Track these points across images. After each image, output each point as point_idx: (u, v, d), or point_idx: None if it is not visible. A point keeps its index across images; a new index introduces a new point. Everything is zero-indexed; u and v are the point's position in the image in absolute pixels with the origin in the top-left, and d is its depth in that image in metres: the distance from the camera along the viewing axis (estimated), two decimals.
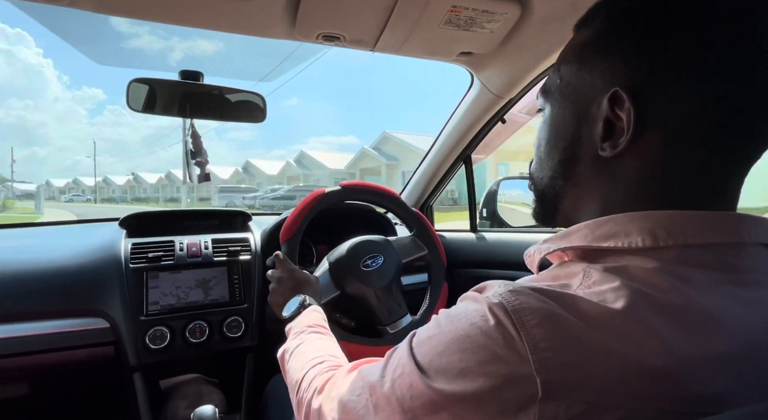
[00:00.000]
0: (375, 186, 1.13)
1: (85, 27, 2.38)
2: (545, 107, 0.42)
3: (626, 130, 0.33)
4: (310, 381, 0.52)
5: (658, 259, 0.31)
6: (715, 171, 0.33)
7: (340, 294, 0.96)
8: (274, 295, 0.82)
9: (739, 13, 0.31)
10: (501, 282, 0.33)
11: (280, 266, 0.86)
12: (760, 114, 0.32)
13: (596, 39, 0.36)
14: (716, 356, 0.28)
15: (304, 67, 24.35)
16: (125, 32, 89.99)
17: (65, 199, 39.05)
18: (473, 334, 0.30)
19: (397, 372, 0.35)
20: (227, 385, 1.17)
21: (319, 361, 0.56)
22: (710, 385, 0.28)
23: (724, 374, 0.28)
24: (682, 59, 0.31)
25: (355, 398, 0.40)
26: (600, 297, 0.29)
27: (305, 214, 1.00)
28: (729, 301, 0.30)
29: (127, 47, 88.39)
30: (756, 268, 0.32)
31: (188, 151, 0.99)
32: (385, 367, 0.37)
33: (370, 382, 0.38)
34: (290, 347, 0.63)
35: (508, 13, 0.78)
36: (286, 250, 0.97)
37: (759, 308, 0.31)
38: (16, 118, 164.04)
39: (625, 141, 0.34)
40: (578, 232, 0.36)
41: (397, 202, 1.14)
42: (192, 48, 60.10)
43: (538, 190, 0.43)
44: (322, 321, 0.71)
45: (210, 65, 31.00)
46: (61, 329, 0.95)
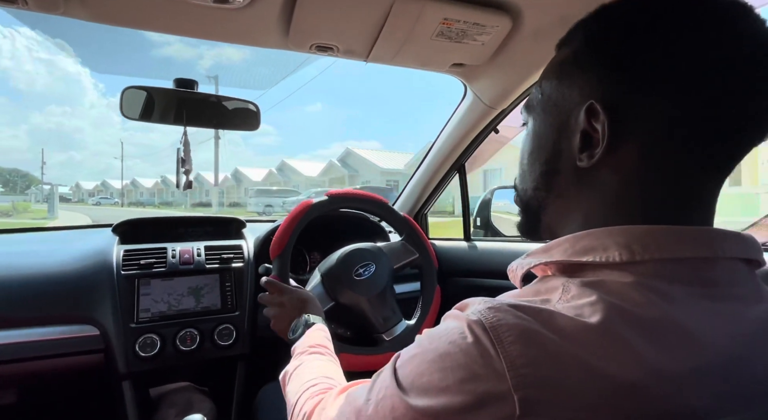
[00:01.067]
0: (362, 193, 1.13)
1: (116, 38, 2.37)
2: (528, 121, 0.43)
3: (601, 141, 0.35)
4: (302, 406, 0.53)
5: (634, 274, 0.32)
6: (690, 183, 0.34)
7: (334, 305, 0.96)
8: (279, 322, 0.81)
9: (705, 33, 0.32)
10: (481, 299, 0.34)
11: (276, 291, 0.85)
12: (732, 127, 0.33)
13: (574, 56, 0.38)
14: (691, 370, 0.28)
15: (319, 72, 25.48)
16: (156, 41, 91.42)
17: (93, 202, 38.18)
18: (453, 352, 0.31)
19: (380, 394, 0.36)
20: (218, 393, 1.16)
21: (313, 383, 0.57)
22: (686, 399, 0.28)
23: (700, 388, 0.28)
24: (653, 75, 0.33)
25: None
26: (577, 311, 0.30)
27: (294, 227, 0.99)
28: (704, 315, 0.31)
29: (157, 56, 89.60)
30: (730, 282, 0.33)
31: (180, 159, 1.00)
32: (370, 389, 0.38)
33: (356, 407, 0.38)
34: (290, 369, 0.65)
35: (499, 26, 0.79)
36: (278, 265, 0.96)
37: (733, 322, 0.31)
38: (55, 124, 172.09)
39: (600, 151, 0.35)
40: (559, 247, 0.36)
41: (386, 208, 1.14)
42: (219, 55, 61.17)
43: (522, 201, 0.44)
44: (324, 340, 0.72)
45: (232, 74, 31.39)
46: (50, 336, 0.95)
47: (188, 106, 1.04)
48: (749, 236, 0.35)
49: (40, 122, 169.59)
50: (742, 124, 0.33)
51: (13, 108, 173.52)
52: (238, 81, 17.68)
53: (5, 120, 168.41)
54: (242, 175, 33.43)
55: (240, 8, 0.72)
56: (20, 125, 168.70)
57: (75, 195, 52.05)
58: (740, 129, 0.34)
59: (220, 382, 1.14)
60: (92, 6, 0.71)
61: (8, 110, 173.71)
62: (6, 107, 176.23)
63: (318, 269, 1.01)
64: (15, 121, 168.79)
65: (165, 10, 0.73)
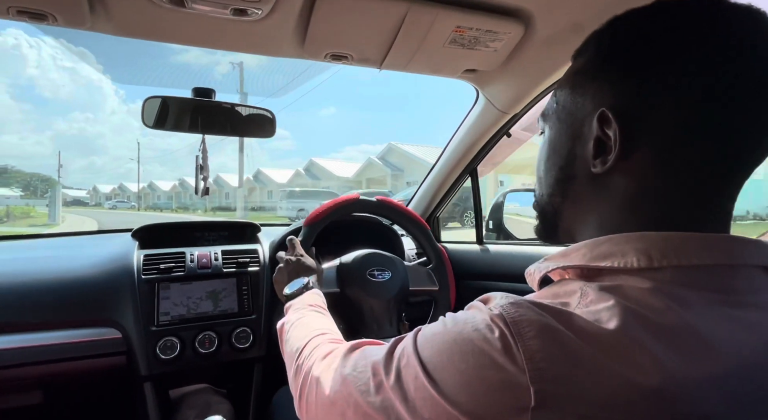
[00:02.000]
0: (408, 211, 1.17)
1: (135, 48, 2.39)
2: (545, 129, 0.44)
3: (614, 147, 0.35)
4: (312, 349, 0.53)
5: (652, 280, 0.32)
6: (706, 189, 0.35)
7: (339, 293, 0.98)
8: (279, 274, 0.85)
9: (714, 42, 0.33)
10: (504, 294, 0.35)
11: (291, 250, 0.89)
12: (746, 133, 0.33)
13: (587, 66, 0.39)
14: (708, 377, 0.29)
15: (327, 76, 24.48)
16: (175, 48, 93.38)
17: (109, 206, 37.25)
18: (475, 338, 0.32)
19: (402, 361, 0.37)
20: (235, 395, 1.18)
21: (322, 332, 0.58)
22: (701, 406, 0.28)
23: (716, 395, 0.29)
24: (663, 83, 0.33)
25: (356, 374, 0.41)
26: (595, 316, 0.30)
27: (334, 209, 1.04)
28: (722, 322, 0.31)
29: (174, 63, 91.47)
30: (749, 290, 0.33)
31: (198, 166, 1.02)
32: (390, 353, 0.39)
33: (373, 363, 0.40)
34: (291, 319, 0.65)
35: (511, 33, 0.80)
36: (305, 233, 1.00)
37: (752, 329, 0.31)
38: (78, 130, 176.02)
39: (613, 157, 0.36)
40: (577, 251, 0.37)
41: (426, 234, 1.16)
42: (236, 61, 62.02)
43: (539, 207, 0.46)
44: (322, 303, 0.74)
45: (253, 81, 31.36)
46: (74, 339, 0.98)
47: (205, 114, 1.07)
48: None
49: (63, 128, 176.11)
50: (757, 129, 0.34)
51: (38, 115, 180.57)
52: (256, 88, 17.56)
53: (30, 127, 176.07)
54: (265, 177, 31.98)
55: (257, 20, 0.74)
56: (45, 131, 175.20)
57: (92, 199, 51.51)
58: (756, 134, 0.34)
59: (238, 383, 1.16)
60: (117, 21, 0.73)
61: (33, 117, 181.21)
62: (31, 114, 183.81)
63: (340, 258, 1.04)
64: (40, 127, 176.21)
65: (186, 24, 0.75)
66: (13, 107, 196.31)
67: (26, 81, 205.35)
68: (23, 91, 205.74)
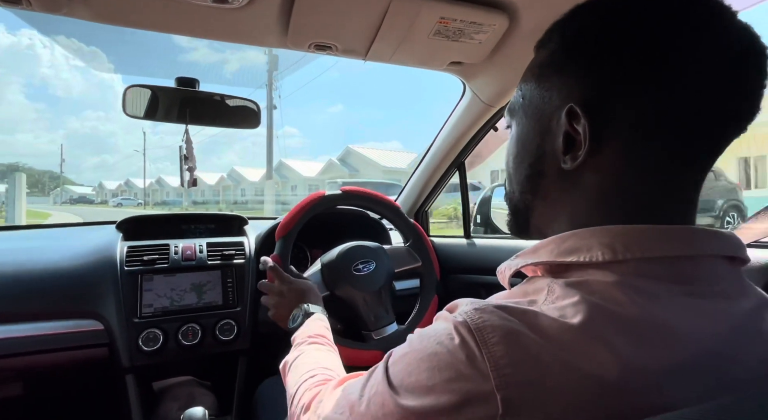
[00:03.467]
0: (375, 194, 1.14)
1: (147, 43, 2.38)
2: (512, 124, 0.44)
3: (583, 143, 0.35)
4: (300, 397, 0.53)
5: (617, 273, 0.32)
6: (672, 181, 0.35)
7: (329, 295, 0.97)
8: (279, 309, 0.82)
9: (684, 33, 0.32)
10: (469, 300, 0.34)
11: (277, 279, 0.86)
12: (712, 125, 0.34)
13: (551, 59, 0.39)
14: (672, 367, 0.29)
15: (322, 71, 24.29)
16: (185, 46, 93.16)
17: (113, 204, 34.75)
18: (440, 352, 0.32)
19: (372, 390, 0.37)
20: (219, 387, 1.18)
21: (311, 375, 0.58)
22: (667, 396, 0.28)
23: (680, 385, 0.29)
24: (628, 75, 0.33)
25: (337, 416, 0.41)
26: (560, 312, 0.30)
27: (302, 214, 1.01)
28: (685, 312, 0.31)
29: (183, 61, 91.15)
30: (712, 280, 0.33)
31: (182, 157, 1.01)
32: (364, 385, 0.39)
33: (351, 401, 0.39)
34: (290, 359, 0.65)
35: (496, 25, 0.80)
36: (281, 247, 0.97)
37: (715, 318, 0.32)
38: (90, 128, 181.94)
39: (583, 153, 0.35)
40: (545, 247, 0.37)
41: (396, 212, 1.15)
42: (244, 58, 61.25)
43: (511, 204, 0.45)
44: (323, 329, 0.73)
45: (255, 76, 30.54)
46: (55, 330, 0.97)
47: (190, 104, 1.06)
48: (730, 234, 0.35)
49: (76, 127, 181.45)
50: (722, 121, 0.34)
51: (51, 114, 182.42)
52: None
53: (44, 125, 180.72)
54: (288, 170, 28.28)
55: (239, 8, 0.73)
56: (58, 130, 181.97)
57: (98, 196, 48.72)
58: (720, 126, 0.34)
59: (222, 376, 1.16)
60: (94, 6, 0.72)
61: (47, 116, 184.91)
62: (45, 113, 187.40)
63: (320, 259, 1.02)
64: (53, 126, 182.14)
65: (165, 10, 0.74)
66: (28, 106, 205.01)
67: (40, 81, 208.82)
68: (37, 91, 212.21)
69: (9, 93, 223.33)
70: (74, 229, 1.39)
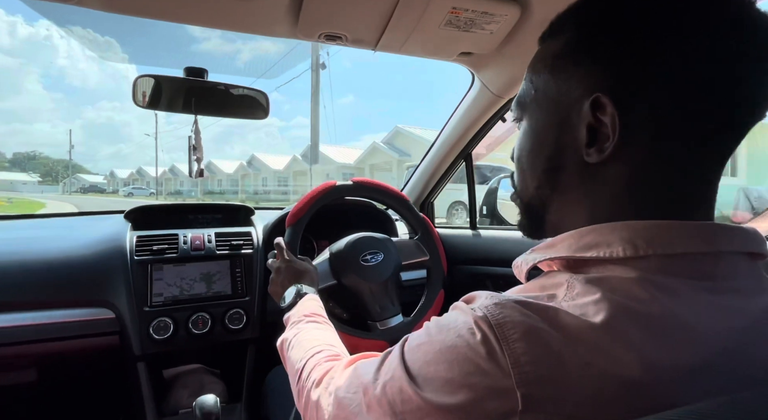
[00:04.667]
0: (385, 186, 1.15)
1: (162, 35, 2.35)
2: (523, 118, 0.42)
3: (612, 135, 0.34)
4: (309, 371, 0.53)
5: (638, 269, 0.32)
6: (696, 175, 0.34)
7: (336, 284, 0.98)
8: (273, 285, 0.84)
9: (713, 17, 0.32)
10: (488, 293, 0.34)
11: (280, 256, 0.88)
12: (739, 117, 0.33)
13: (568, 48, 0.37)
14: (691, 365, 0.29)
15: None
16: (197, 37, 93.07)
17: (124, 193, 32.22)
18: (459, 345, 0.32)
19: (388, 375, 0.37)
20: (229, 375, 1.20)
21: (318, 350, 0.57)
22: (686, 395, 0.28)
23: (701, 384, 0.29)
24: (657, 64, 0.32)
25: (350, 396, 0.41)
26: (582, 310, 0.30)
27: (313, 203, 1.02)
28: (706, 309, 0.31)
29: (196, 51, 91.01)
30: (732, 276, 0.33)
31: (191, 147, 1.01)
32: (379, 368, 0.38)
33: (364, 382, 0.39)
34: (289, 337, 0.65)
35: (508, 15, 0.79)
36: (290, 234, 0.98)
37: (735, 315, 0.32)
38: (106, 118, 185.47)
39: (611, 146, 0.34)
40: (563, 242, 0.36)
41: (406, 205, 1.16)
42: (256, 49, 60.77)
43: (523, 202, 0.43)
44: (319, 309, 0.73)
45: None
46: (67, 319, 0.98)
47: (197, 95, 1.05)
48: (752, 229, 0.35)
49: (92, 117, 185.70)
50: (742, 109, 0.33)
51: (68, 104, 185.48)
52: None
53: (61, 115, 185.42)
54: (321, 156, 20.89)
55: None
56: (75, 120, 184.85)
57: (110, 185, 46.90)
58: (741, 114, 0.33)
59: (231, 364, 1.18)
60: None
61: (64, 106, 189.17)
62: (62, 103, 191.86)
63: (329, 248, 1.03)
64: (70, 116, 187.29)
65: (177, 0, 0.74)
66: (46, 96, 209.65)
67: (57, 71, 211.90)
68: (54, 81, 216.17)
69: (28, 83, 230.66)
70: (83, 219, 1.40)
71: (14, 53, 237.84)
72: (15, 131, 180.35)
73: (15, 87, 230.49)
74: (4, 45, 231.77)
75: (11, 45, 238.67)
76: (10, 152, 76.39)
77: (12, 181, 51.54)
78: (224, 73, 5.65)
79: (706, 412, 0.24)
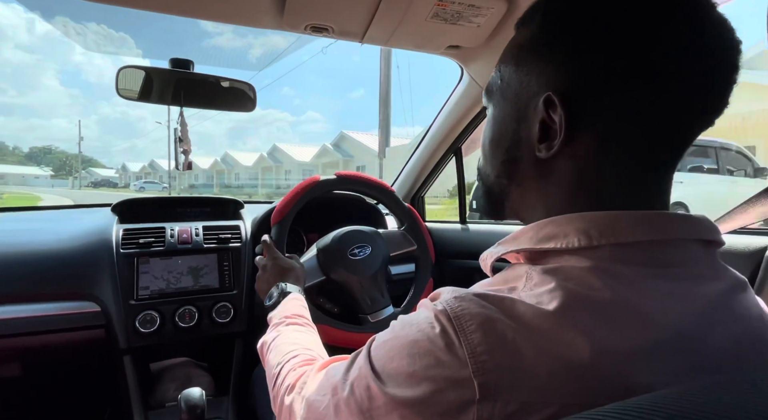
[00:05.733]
0: (369, 178, 1.15)
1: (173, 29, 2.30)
2: (489, 106, 0.43)
3: (559, 133, 0.35)
4: (284, 377, 0.54)
5: (592, 258, 0.32)
6: (646, 170, 0.35)
7: (325, 279, 0.98)
8: (260, 283, 0.84)
9: (668, 23, 0.32)
10: (452, 289, 0.35)
11: (267, 253, 0.88)
12: (688, 117, 0.34)
13: (532, 42, 0.37)
14: (644, 349, 0.29)
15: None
16: (210, 31, 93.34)
17: (136, 188, 30.67)
18: (420, 339, 0.32)
19: (355, 374, 0.37)
20: (216, 368, 1.20)
21: (294, 354, 0.58)
22: (638, 378, 0.29)
23: (653, 365, 0.29)
24: (612, 68, 0.33)
25: (320, 398, 0.41)
26: (537, 299, 0.31)
27: (297, 199, 1.02)
28: (658, 294, 0.32)
29: (206, 46, 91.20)
30: (684, 263, 0.34)
31: (177, 139, 1.00)
32: (348, 369, 0.39)
33: (333, 383, 0.40)
34: (268, 340, 0.65)
35: (494, 8, 0.79)
36: (276, 232, 0.98)
37: (687, 300, 0.32)
38: (121, 113, 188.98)
39: (558, 143, 0.35)
40: (525, 235, 0.37)
41: (390, 196, 1.15)
42: (266, 43, 60.78)
43: (485, 186, 0.44)
44: (301, 309, 0.73)
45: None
46: (52, 312, 0.97)
47: (185, 86, 1.05)
48: (703, 218, 0.36)
49: (107, 112, 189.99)
50: (695, 115, 0.34)
51: (84, 100, 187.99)
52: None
53: (78, 110, 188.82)
54: (351, 142, 24.70)
55: None
56: (91, 116, 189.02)
57: (121, 179, 45.61)
58: (693, 119, 0.34)
59: (219, 357, 1.17)
60: None
61: (80, 102, 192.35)
62: (79, 99, 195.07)
63: (316, 244, 1.03)
64: (86, 111, 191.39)
65: None
66: (63, 92, 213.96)
67: (74, 67, 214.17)
68: (71, 77, 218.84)
69: (45, 79, 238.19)
70: (70, 212, 1.38)
71: (33, 50, 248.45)
72: (33, 126, 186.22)
73: (33, 83, 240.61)
74: (23, 42, 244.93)
75: (29, 41, 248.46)
76: (27, 147, 77.53)
77: (24, 175, 51.26)
78: (235, 68, 5.60)
79: (662, 398, 0.24)
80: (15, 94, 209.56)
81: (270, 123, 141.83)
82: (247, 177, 32.35)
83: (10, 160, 63.70)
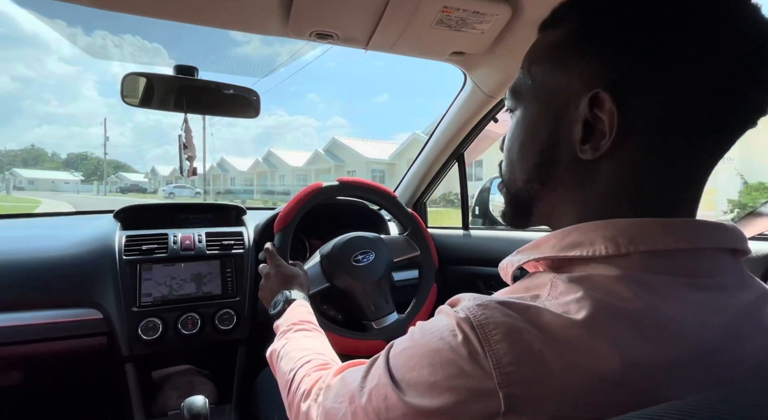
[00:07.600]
0: (372, 184, 1.14)
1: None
2: (517, 109, 0.41)
3: (608, 133, 0.33)
4: (298, 383, 0.53)
5: (620, 267, 0.32)
6: (686, 174, 0.34)
7: (329, 286, 0.97)
8: (264, 291, 0.84)
9: (717, 16, 0.31)
10: (472, 295, 0.34)
11: (270, 261, 0.88)
12: (732, 117, 0.33)
13: (570, 40, 0.36)
14: (674, 362, 0.29)
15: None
16: (239, 40, 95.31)
17: (165, 194, 27.82)
18: (442, 348, 0.31)
19: (373, 382, 0.36)
20: (218, 376, 1.19)
21: (306, 359, 0.57)
22: (667, 391, 0.28)
23: (682, 379, 0.29)
24: (660, 61, 0.31)
25: (337, 405, 0.41)
26: (564, 308, 0.30)
27: (300, 206, 1.01)
28: (688, 305, 0.31)
29: (234, 55, 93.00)
30: (713, 272, 0.33)
31: (182, 145, 1.00)
32: (365, 376, 0.38)
33: (351, 390, 0.39)
34: (277, 347, 0.65)
35: (499, 15, 0.79)
36: (279, 240, 0.98)
37: (716, 311, 0.32)
38: (154, 121, 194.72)
39: (607, 143, 0.33)
40: (547, 242, 0.36)
41: (394, 202, 1.15)
42: (292, 51, 61.18)
43: (510, 193, 0.42)
44: (308, 315, 0.72)
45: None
46: (54, 319, 0.97)
47: (188, 93, 1.05)
48: (732, 226, 0.35)
49: (141, 120, 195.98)
50: (741, 113, 0.33)
51: (121, 108, 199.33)
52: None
53: (114, 119, 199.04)
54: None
55: None
56: (126, 124, 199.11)
57: (151, 184, 43.29)
58: (735, 120, 0.33)
59: (221, 365, 1.16)
60: None
61: (117, 110, 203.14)
62: (115, 108, 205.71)
63: (319, 251, 1.03)
64: (122, 120, 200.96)
65: None
66: (101, 102, 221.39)
67: (111, 77, 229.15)
68: (108, 87, 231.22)
69: (85, 89, 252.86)
70: (72, 218, 1.38)
71: (74, 62, 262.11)
72: (73, 134, 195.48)
73: (74, 93, 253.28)
74: (66, 55, 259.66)
75: (72, 54, 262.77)
76: (65, 153, 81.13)
77: (54, 181, 51.09)
78: (257, 77, 5.85)
79: (690, 407, 0.23)
80: (57, 104, 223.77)
81: (297, 129, 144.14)
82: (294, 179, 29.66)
83: (48, 166, 65.34)
